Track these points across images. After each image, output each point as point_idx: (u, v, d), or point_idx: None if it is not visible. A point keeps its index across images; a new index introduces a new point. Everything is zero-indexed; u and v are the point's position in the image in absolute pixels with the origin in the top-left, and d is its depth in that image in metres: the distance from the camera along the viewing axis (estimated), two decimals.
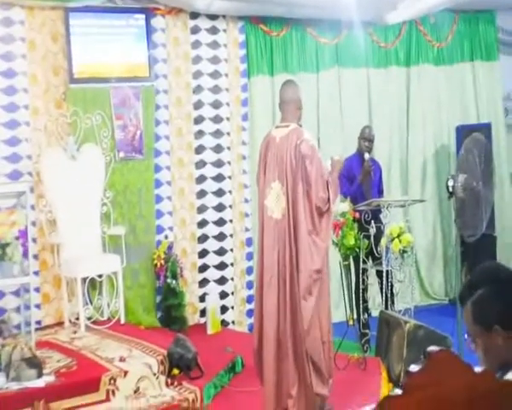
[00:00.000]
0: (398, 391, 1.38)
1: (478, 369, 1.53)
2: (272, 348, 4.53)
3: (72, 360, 5.20)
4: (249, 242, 7.42)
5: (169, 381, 5.11)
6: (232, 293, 7.34)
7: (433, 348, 1.45)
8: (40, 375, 4.78)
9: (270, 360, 4.54)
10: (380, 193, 6.74)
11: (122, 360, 5.13)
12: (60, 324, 6.43)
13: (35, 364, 4.82)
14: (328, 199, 4.42)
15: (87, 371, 4.98)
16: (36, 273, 6.45)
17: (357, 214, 5.85)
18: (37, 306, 6.47)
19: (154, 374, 5.03)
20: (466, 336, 1.97)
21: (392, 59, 8.32)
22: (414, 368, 1.45)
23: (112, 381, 4.83)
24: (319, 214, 4.42)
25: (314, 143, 4.61)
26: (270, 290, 4.52)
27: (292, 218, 4.45)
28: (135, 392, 4.90)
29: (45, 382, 4.73)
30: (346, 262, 5.80)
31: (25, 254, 4.96)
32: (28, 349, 4.93)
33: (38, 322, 6.45)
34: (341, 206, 5.70)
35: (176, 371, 5.27)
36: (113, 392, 4.82)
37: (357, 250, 5.80)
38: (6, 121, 6.34)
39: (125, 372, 4.91)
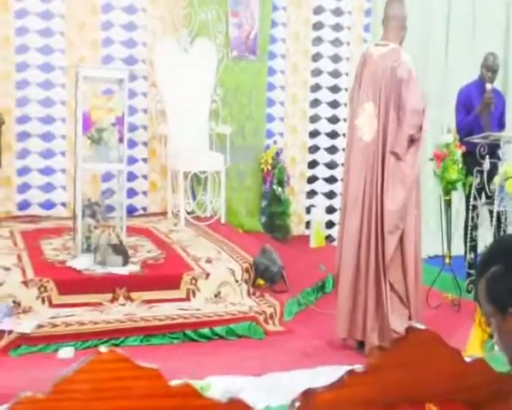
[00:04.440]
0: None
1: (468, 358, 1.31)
2: (350, 274, 4.35)
3: (161, 253, 5.27)
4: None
5: (251, 290, 5.07)
6: (340, 209, 7.15)
7: (416, 324, 1.25)
8: (126, 263, 4.87)
9: (346, 286, 4.37)
10: (501, 127, 6.21)
11: (208, 261, 5.13)
12: (164, 213, 6.55)
13: (121, 251, 4.90)
14: (421, 127, 4.12)
15: (172, 268, 5.02)
16: (144, 161, 6.61)
17: (464, 147, 5.43)
18: (144, 193, 6.65)
19: (237, 281, 5.00)
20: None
21: None
22: (387, 344, 1.26)
23: (193, 281, 4.85)
24: (410, 141, 4.14)
25: (412, 66, 4.24)
26: (354, 214, 4.32)
27: (382, 142, 4.22)
28: (215, 296, 4.89)
29: (129, 271, 4.81)
30: (448, 197, 5.45)
31: (121, 141, 4.98)
32: (116, 236, 5.04)
33: (144, 208, 6.66)
34: (445, 137, 5.30)
35: (261, 281, 5.20)
36: (194, 292, 4.84)
37: (463, 185, 5.43)
38: (124, 6, 6.40)
39: (208, 275, 4.90)
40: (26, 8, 6.17)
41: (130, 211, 6.30)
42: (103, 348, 1.12)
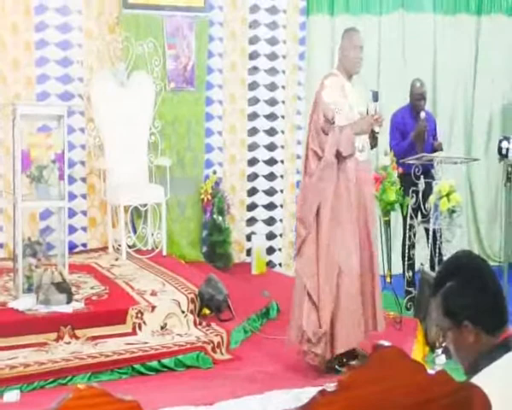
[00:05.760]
0: (331, 388, 1.23)
1: (432, 371, 1.37)
2: None
3: (105, 288, 5.23)
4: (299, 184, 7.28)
5: (198, 321, 5.06)
6: (280, 235, 7.24)
7: (382, 342, 1.30)
8: (69, 301, 4.80)
9: None
10: (433, 149, 6.41)
11: (153, 293, 5.11)
12: (104, 248, 6.49)
13: (64, 288, 4.84)
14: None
15: (116, 302, 4.99)
16: (83, 196, 6.55)
17: (401, 169, 5.59)
18: (84, 229, 6.58)
19: (183, 312, 4.98)
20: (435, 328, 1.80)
21: (461, 6, 7.86)
22: (355, 364, 1.30)
23: (139, 315, 4.82)
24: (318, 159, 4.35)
25: (326, 88, 4.38)
26: None
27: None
28: (162, 328, 4.87)
29: (73, 308, 4.75)
30: (387, 218, 5.60)
31: (61, 178, 4.93)
32: (59, 273, 4.96)
33: (84, 245, 6.59)
34: (383, 159, 5.46)
35: (206, 310, 5.21)
36: (140, 326, 4.81)
37: (401, 206, 5.57)
38: (59, 41, 6.38)
39: (153, 307, 4.89)
40: None
41: (71, 247, 6.18)
42: (81, 385, 1.12)
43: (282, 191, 7.22)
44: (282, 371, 4.49)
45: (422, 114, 6.23)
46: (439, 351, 4.54)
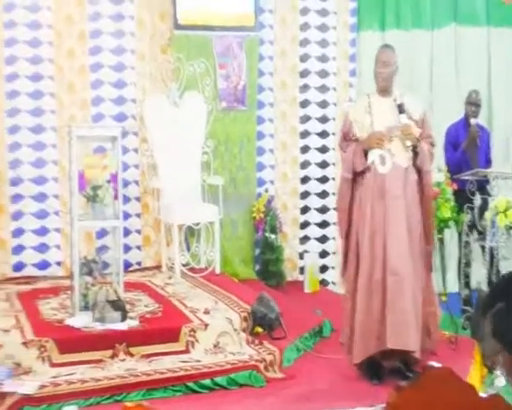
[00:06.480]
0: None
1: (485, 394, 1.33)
2: None
3: (158, 306, 5.28)
4: None
5: (250, 339, 5.06)
6: (334, 253, 7.20)
7: (432, 363, 1.27)
8: (124, 318, 4.86)
9: None
10: (488, 162, 6.31)
11: (206, 312, 5.14)
12: (158, 267, 6.56)
13: (119, 307, 4.90)
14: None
15: (170, 320, 5.03)
16: (138, 216, 6.64)
17: (455, 185, 5.50)
18: (138, 247, 6.67)
19: (235, 330, 5.00)
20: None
21: None
22: (404, 383, 1.28)
23: (192, 333, 4.85)
24: None
25: (351, 108, 4.68)
26: None
27: None
28: (215, 346, 4.88)
29: (128, 326, 4.81)
30: (441, 235, 5.50)
31: (116, 198, 5.01)
32: (114, 291, 5.03)
33: (139, 263, 6.67)
34: (436, 176, 5.38)
35: (259, 329, 5.20)
36: (193, 344, 4.84)
37: (456, 223, 5.47)
38: (114, 64, 6.52)
39: (206, 325, 4.91)
40: (16, 71, 6.27)
41: (126, 266, 6.29)
42: (129, 404, 1.13)
43: (334, 209, 7.19)
44: (334, 391, 4.44)
45: (473, 121, 6.16)
46: (499, 372, 4.42)
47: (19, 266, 6.34)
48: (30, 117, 6.31)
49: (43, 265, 6.40)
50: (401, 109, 4.42)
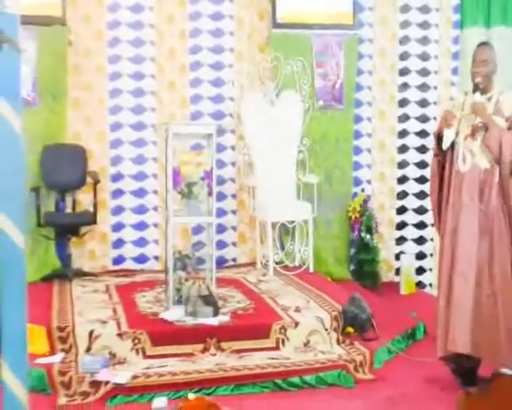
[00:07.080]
0: None
1: None
2: None
3: (250, 303, 5.32)
4: None
5: (341, 339, 5.03)
6: (431, 255, 7.05)
7: (504, 370, 1.22)
8: (216, 313, 4.93)
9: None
10: None
11: (297, 310, 5.14)
12: (253, 264, 6.63)
13: (211, 302, 4.97)
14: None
15: (261, 317, 5.05)
16: (233, 212, 6.72)
17: None
18: (234, 244, 6.77)
19: (326, 329, 4.98)
20: None
21: None
22: (473, 389, 1.22)
23: (282, 330, 4.86)
24: None
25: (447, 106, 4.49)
26: None
27: None
28: (305, 345, 4.89)
29: (219, 321, 4.86)
30: None
31: (210, 194, 5.09)
32: (206, 287, 5.12)
33: (234, 259, 6.76)
34: None
35: (350, 329, 5.16)
36: (283, 341, 4.85)
37: None
38: (213, 63, 6.65)
39: (296, 324, 4.91)
40: (119, 70, 6.48)
41: (220, 262, 6.41)
42: (191, 395, 1.15)
43: (432, 210, 7.02)
44: (423, 396, 4.34)
45: None
46: None
47: (118, 260, 6.56)
48: (131, 114, 6.52)
49: (142, 259, 6.59)
50: (476, 88, 4.26)
